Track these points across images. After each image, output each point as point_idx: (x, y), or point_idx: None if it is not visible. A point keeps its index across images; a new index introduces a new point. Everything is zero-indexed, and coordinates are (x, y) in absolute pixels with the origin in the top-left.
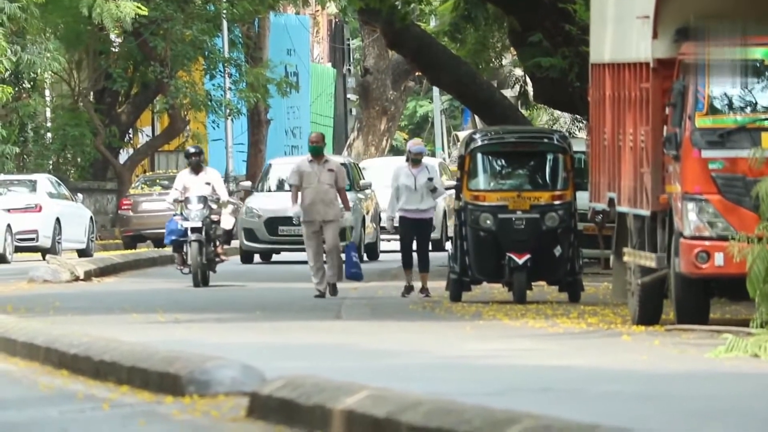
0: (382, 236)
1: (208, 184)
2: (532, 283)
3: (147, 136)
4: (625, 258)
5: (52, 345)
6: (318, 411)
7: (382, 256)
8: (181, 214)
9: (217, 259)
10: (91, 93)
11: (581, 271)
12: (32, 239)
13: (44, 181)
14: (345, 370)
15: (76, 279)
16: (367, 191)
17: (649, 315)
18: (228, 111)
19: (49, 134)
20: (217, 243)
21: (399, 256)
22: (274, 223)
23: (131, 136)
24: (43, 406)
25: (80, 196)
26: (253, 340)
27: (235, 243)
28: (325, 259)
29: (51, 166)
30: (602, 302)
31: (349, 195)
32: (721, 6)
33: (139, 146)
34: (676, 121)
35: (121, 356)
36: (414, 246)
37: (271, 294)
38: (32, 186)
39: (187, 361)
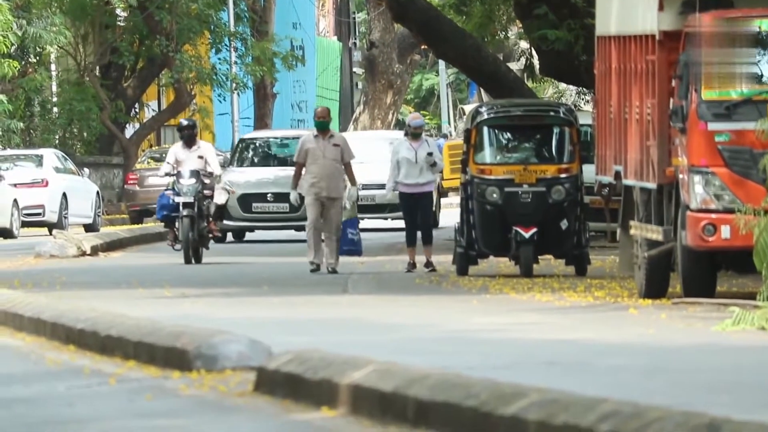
0: (362, 215)
1: (201, 158)
2: (539, 257)
3: (153, 110)
4: (632, 231)
5: (59, 320)
6: (325, 385)
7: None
8: (173, 188)
9: (210, 236)
10: (97, 67)
11: (588, 244)
12: (39, 214)
13: (50, 155)
14: (352, 345)
15: (83, 254)
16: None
17: (655, 288)
18: (234, 85)
19: (55, 109)
20: (210, 219)
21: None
22: (247, 199)
23: (137, 110)
24: (50, 381)
25: (86, 170)
26: (260, 314)
27: None
28: (323, 238)
29: (57, 141)
30: (609, 275)
31: None
32: None
33: (145, 121)
34: (682, 93)
35: (128, 331)
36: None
37: (278, 269)
38: (38, 161)
39: (193, 335)
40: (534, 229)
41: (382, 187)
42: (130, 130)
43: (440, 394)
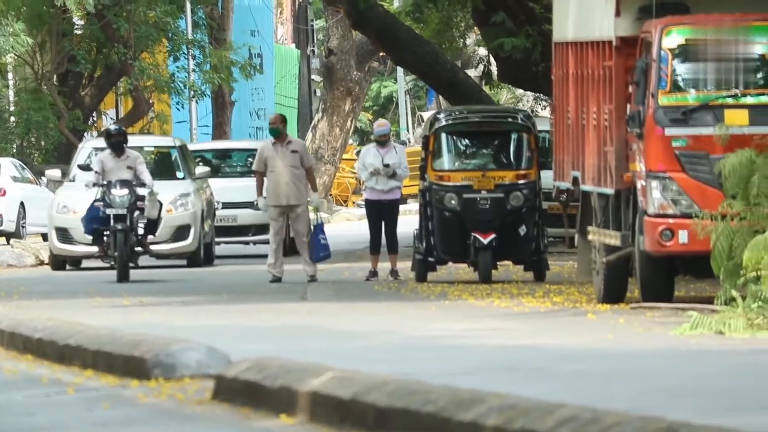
0: (220, 238)
1: (130, 168)
2: (498, 263)
3: (111, 119)
4: (590, 237)
5: (17, 329)
6: (283, 393)
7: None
8: (103, 200)
9: (140, 251)
10: (55, 76)
11: (546, 250)
12: None
13: (8, 164)
14: (311, 352)
15: (41, 263)
16: (203, 181)
17: (614, 293)
18: (192, 93)
19: (12, 118)
20: (140, 234)
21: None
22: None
23: (95, 118)
24: (8, 391)
25: (45, 179)
26: (219, 322)
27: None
28: (297, 248)
29: (15, 150)
30: (567, 281)
31: (183, 185)
32: None
33: (103, 129)
34: (639, 99)
35: (86, 340)
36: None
37: (238, 277)
38: None
39: (152, 344)
40: (492, 235)
41: (244, 206)
42: (88, 139)
43: (399, 400)
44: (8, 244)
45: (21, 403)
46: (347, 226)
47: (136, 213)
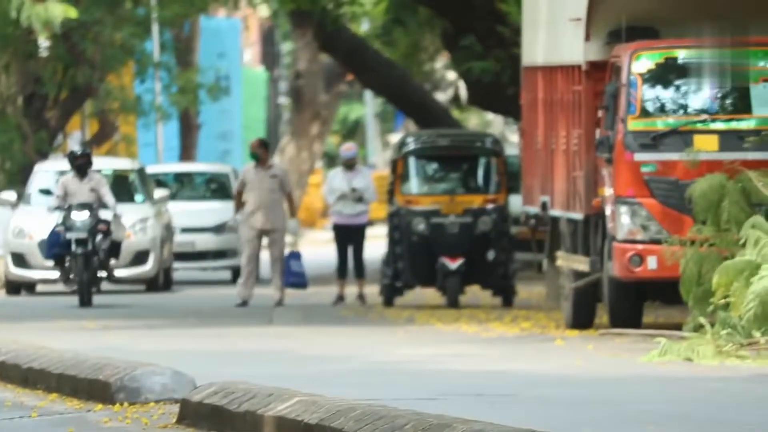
0: (179, 264)
1: (94, 191)
2: (465, 288)
3: (77, 141)
4: (559, 262)
5: None
6: (249, 417)
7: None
8: (64, 224)
9: (102, 275)
10: (20, 97)
11: (514, 275)
12: None
13: None
14: (277, 376)
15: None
16: (162, 205)
17: (582, 319)
18: (158, 115)
19: None
20: (102, 257)
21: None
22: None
23: (61, 140)
24: None
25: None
26: (185, 346)
27: None
28: (269, 271)
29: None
30: (536, 306)
31: (142, 209)
32: (652, 9)
33: (68, 151)
34: (608, 124)
35: (50, 363)
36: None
37: (204, 300)
38: None
39: (116, 368)
40: (460, 260)
41: (203, 231)
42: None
43: (366, 425)
44: None
45: None
46: (314, 249)
47: (99, 237)
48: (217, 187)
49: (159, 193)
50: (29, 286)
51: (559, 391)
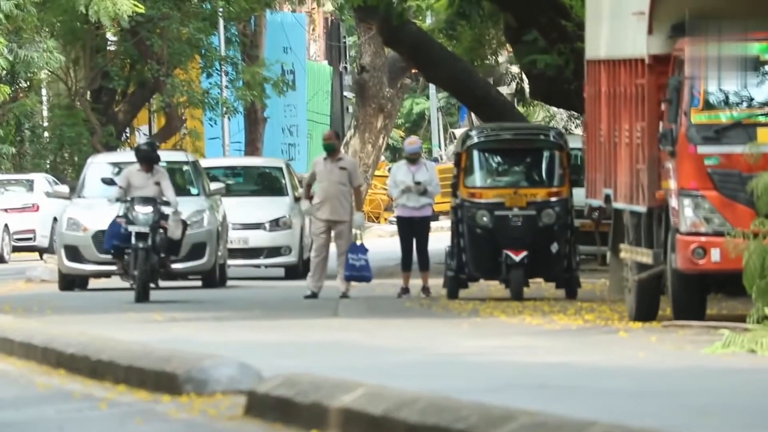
0: (233, 261)
1: (157, 184)
2: (529, 280)
3: (144, 134)
4: (622, 254)
5: (50, 344)
6: (315, 409)
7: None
8: (126, 216)
9: (161, 272)
10: (88, 92)
11: (578, 267)
12: (30, 239)
13: (41, 180)
14: (342, 368)
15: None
16: (217, 198)
17: (645, 311)
18: (225, 109)
19: (46, 133)
20: (161, 253)
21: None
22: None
23: (128, 135)
24: (40, 406)
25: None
26: (251, 338)
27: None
28: (338, 264)
29: (48, 166)
30: (599, 299)
31: (197, 201)
32: (715, 2)
33: (135, 144)
34: (671, 117)
35: (118, 355)
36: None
37: (269, 293)
38: (29, 185)
39: (183, 359)
40: (524, 253)
41: (256, 227)
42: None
43: (430, 417)
44: (41, 259)
45: (53, 417)
46: (379, 242)
47: (159, 232)
48: (271, 182)
49: (214, 185)
50: (82, 282)
51: (622, 383)
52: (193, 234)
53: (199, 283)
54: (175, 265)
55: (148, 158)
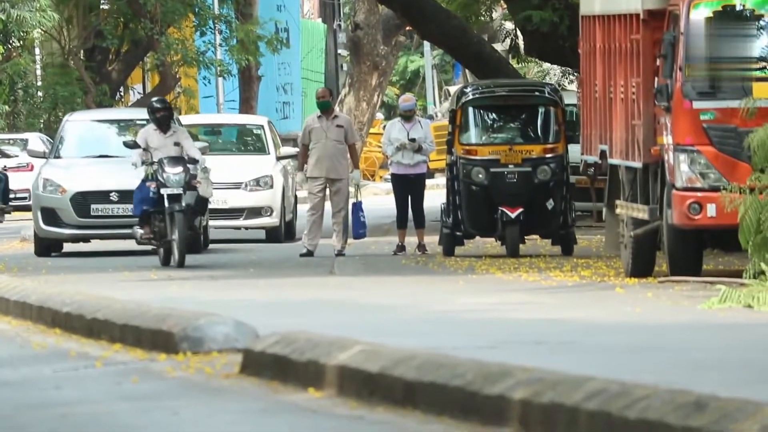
0: (213, 220)
1: (177, 144)
2: (525, 237)
3: (138, 93)
4: (618, 210)
5: (45, 303)
6: (311, 366)
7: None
8: (155, 178)
9: (191, 233)
10: (82, 51)
11: (574, 224)
12: (25, 198)
13: (36, 140)
14: (338, 326)
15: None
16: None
17: (641, 267)
18: (219, 70)
19: (39, 93)
20: (192, 215)
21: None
22: (84, 200)
23: (122, 94)
24: (37, 365)
25: None
26: (247, 296)
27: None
28: (333, 222)
29: (42, 125)
30: (595, 255)
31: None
32: None
33: (130, 104)
34: (667, 72)
35: (114, 314)
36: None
37: (265, 251)
38: (24, 145)
39: (179, 318)
40: (520, 209)
41: (235, 186)
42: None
43: (427, 374)
44: None
45: (49, 376)
46: (374, 200)
47: (189, 192)
48: (252, 140)
49: (197, 145)
50: (57, 246)
51: (619, 339)
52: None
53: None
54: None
55: (162, 117)
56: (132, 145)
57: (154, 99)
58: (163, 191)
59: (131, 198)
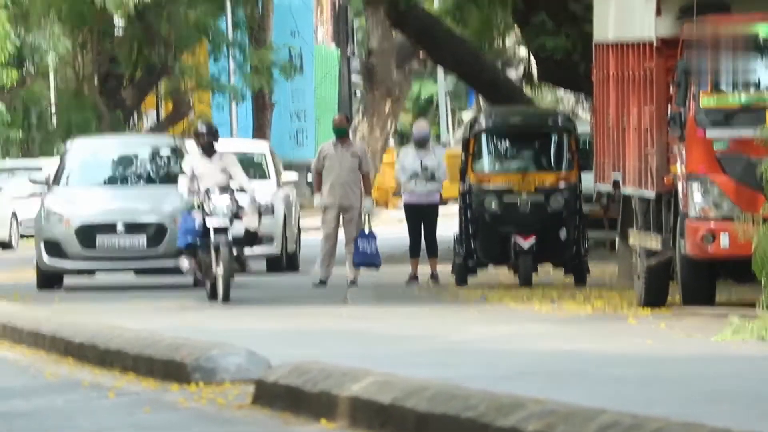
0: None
1: (224, 172)
2: (538, 266)
3: (152, 120)
4: (631, 240)
5: (58, 333)
6: (324, 397)
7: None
8: (201, 208)
9: (236, 267)
10: (95, 77)
11: (587, 253)
12: None
13: (49, 166)
14: (351, 356)
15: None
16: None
17: (654, 297)
18: (232, 96)
19: (53, 119)
20: (239, 246)
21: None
22: (89, 231)
23: (136, 119)
24: (49, 395)
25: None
26: (259, 326)
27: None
28: (346, 251)
29: (56, 151)
30: (608, 285)
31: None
32: None
33: (144, 130)
34: (680, 100)
35: (127, 344)
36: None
37: (277, 281)
38: (37, 171)
39: (192, 348)
40: (533, 239)
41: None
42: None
43: (439, 405)
44: None
45: (61, 407)
46: (387, 228)
47: (237, 224)
48: (253, 166)
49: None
50: (60, 279)
51: (632, 370)
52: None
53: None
54: (164, 262)
55: (208, 143)
56: (182, 172)
57: (199, 122)
58: (208, 222)
59: (138, 229)
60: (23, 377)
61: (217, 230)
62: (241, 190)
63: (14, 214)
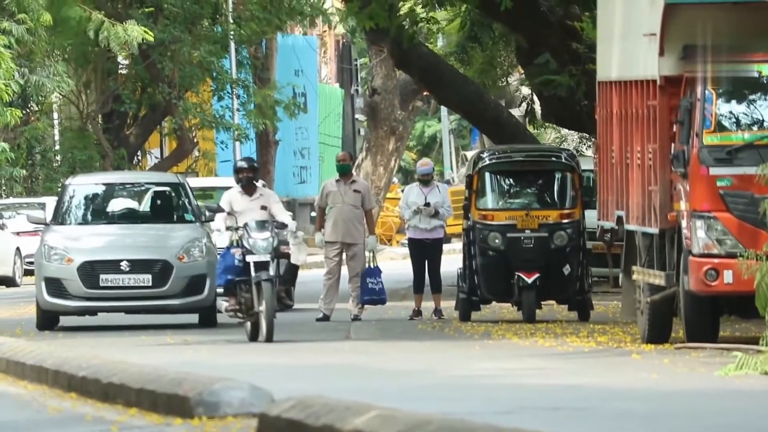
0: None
1: (264, 208)
2: (542, 302)
3: (156, 158)
4: (634, 276)
5: (61, 368)
6: (327, 431)
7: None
8: (240, 245)
9: (278, 305)
10: (100, 115)
11: (590, 289)
12: None
13: (53, 204)
14: (354, 391)
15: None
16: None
17: (658, 333)
18: (236, 134)
19: (57, 157)
20: (277, 285)
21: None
22: (93, 269)
23: (140, 158)
24: (52, 429)
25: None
26: (262, 360)
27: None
28: (350, 287)
29: (60, 189)
30: (612, 321)
31: (193, 228)
32: (727, 23)
33: (148, 168)
34: (683, 138)
35: (130, 378)
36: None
37: (280, 316)
38: (41, 209)
39: (195, 382)
40: (536, 275)
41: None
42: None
43: None
44: None
45: None
46: (391, 265)
47: (278, 261)
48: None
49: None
50: (57, 320)
51: (635, 405)
52: (191, 266)
53: (194, 319)
54: (170, 301)
55: (246, 179)
56: (216, 209)
57: (240, 159)
58: (249, 259)
59: (142, 267)
60: (26, 412)
61: (257, 266)
62: (283, 226)
63: (18, 250)
